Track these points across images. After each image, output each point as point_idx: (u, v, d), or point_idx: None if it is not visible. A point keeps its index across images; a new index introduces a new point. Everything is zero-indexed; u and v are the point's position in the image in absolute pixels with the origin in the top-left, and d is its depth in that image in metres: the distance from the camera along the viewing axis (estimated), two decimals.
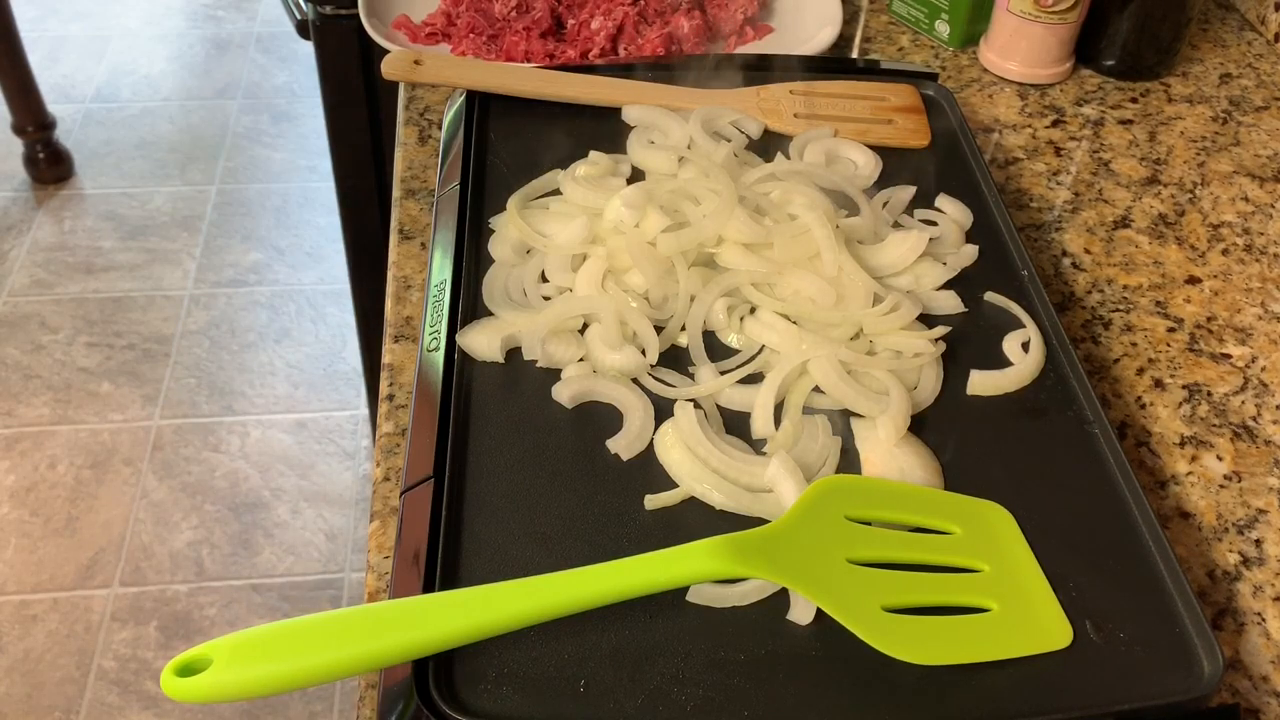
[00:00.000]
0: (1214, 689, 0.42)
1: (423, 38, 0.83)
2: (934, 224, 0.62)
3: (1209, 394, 0.62)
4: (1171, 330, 0.66)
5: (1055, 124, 0.82)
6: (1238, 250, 0.72)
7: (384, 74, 0.69)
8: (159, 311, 2.04)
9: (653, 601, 0.43)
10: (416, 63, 0.69)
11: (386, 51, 0.72)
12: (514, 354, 0.55)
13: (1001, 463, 0.51)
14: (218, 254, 2.16)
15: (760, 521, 0.47)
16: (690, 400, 0.51)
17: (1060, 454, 0.51)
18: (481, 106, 0.69)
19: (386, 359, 0.62)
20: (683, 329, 0.55)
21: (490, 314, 0.56)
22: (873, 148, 0.68)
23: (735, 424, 0.52)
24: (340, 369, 1.95)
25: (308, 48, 1.15)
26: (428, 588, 0.44)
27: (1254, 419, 0.61)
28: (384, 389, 0.60)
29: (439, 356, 0.53)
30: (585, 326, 0.55)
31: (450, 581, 0.45)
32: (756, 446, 0.51)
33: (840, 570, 0.44)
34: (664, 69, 0.72)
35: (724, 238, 0.58)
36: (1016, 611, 0.45)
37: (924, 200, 0.64)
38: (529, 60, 0.81)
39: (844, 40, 0.89)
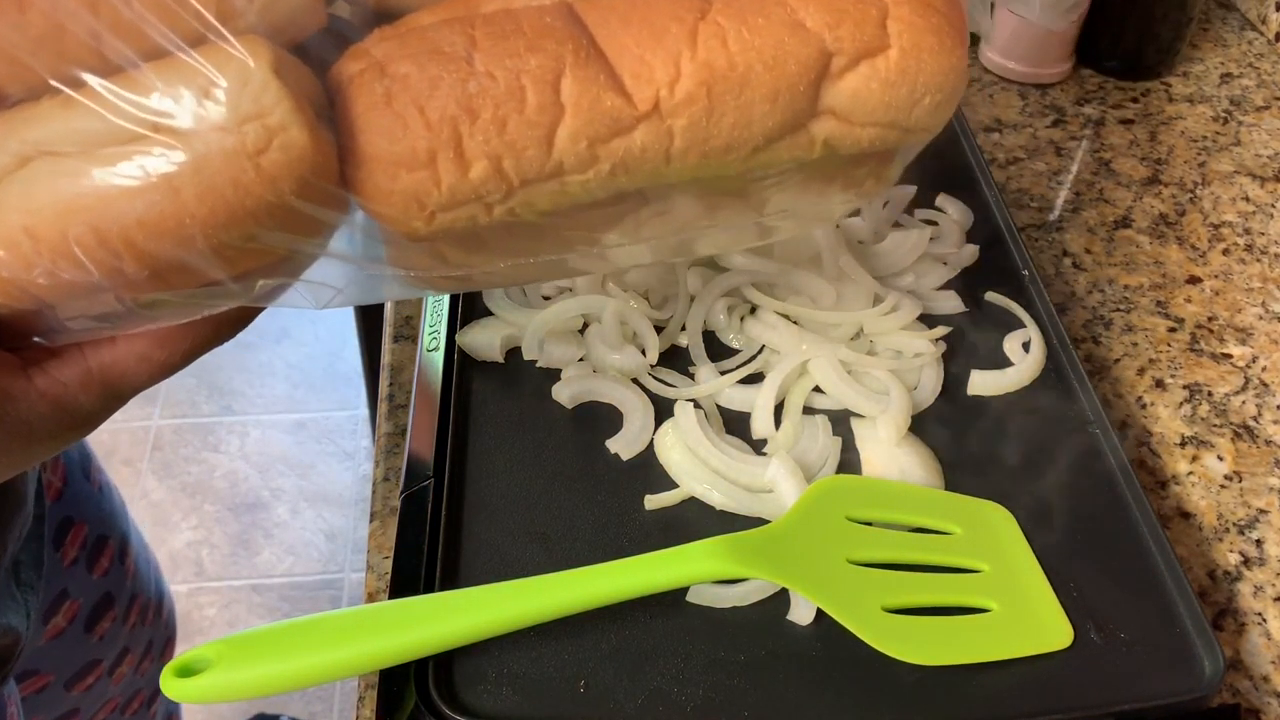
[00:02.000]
0: (1214, 689, 0.42)
1: None
2: (934, 224, 0.62)
3: (1209, 394, 0.62)
4: (1172, 330, 0.66)
5: (1056, 124, 0.82)
6: (1238, 250, 0.72)
7: None
8: None
9: (653, 601, 0.43)
10: None
11: None
12: (514, 354, 0.55)
13: (1001, 463, 0.51)
14: None
15: (760, 521, 0.47)
16: (690, 400, 0.51)
17: (1060, 454, 0.51)
18: None
19: (386, 359, 0.62)
20: (683, 329, 0.55)
21: (490, 314, 0.56)
22: None
23: (735, 424, 0.52)
24: (340, 369, 1.95)
25: None
26: (428, 588, 0.44)
27: (1254, 419, 0.61)
28: (384, 389, 0.60)
29: (439, 356, 0.53)
30: (585, 326, 0.55)
31: (450, 581, 0.45)
32: (756, 446, 0.51)
33: (840, 570, 0.44)
34: None
35: None
36: (1016, 611, 0.45)
37: (924, 200, 0.64)
38: None
39: None
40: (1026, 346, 0.55)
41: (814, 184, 0.37)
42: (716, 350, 0.55)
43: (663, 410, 0.51)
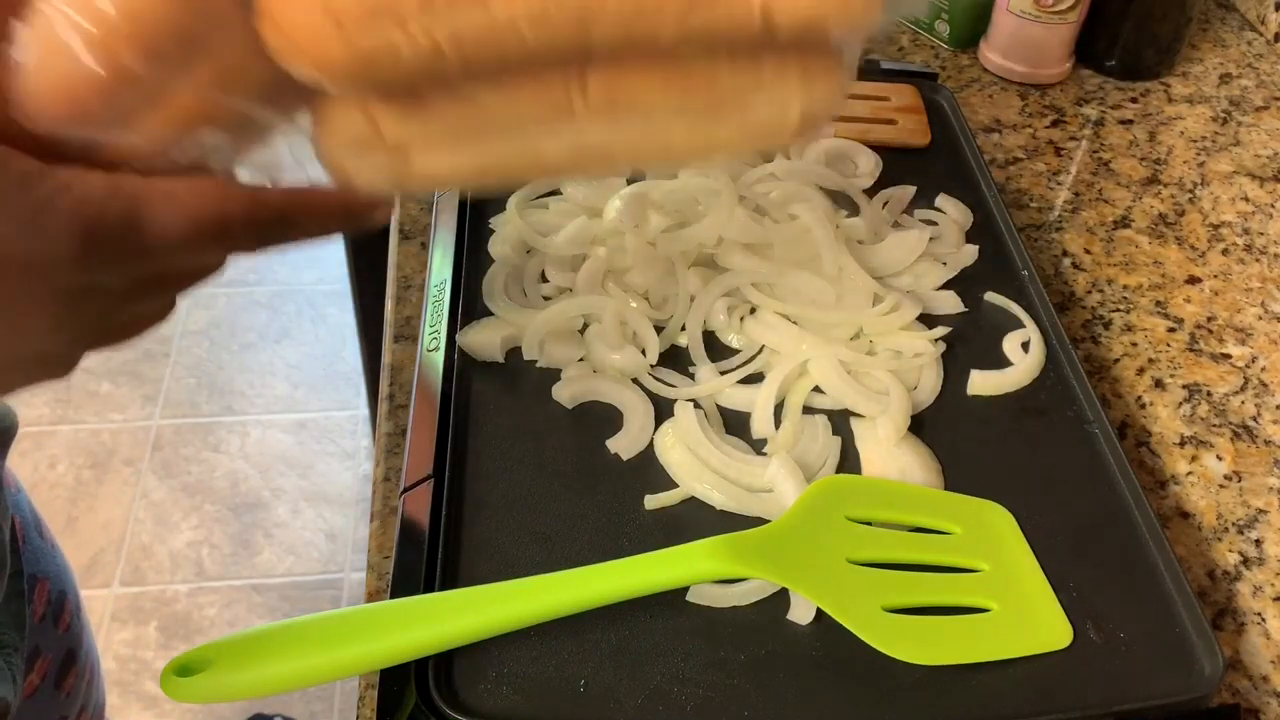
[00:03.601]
0: (1214, 689, 0.42)
1: None
2: (934, 224, 0.62)
3: (1209, 394, 0.62)
4: (1171, 330, 0.66)
5: (1055, 124, 0.82)
6: (1238, 250, 0.72)
7: None
8: None
9: (653, 601, 0.43)
10: None
11: None
12: (514, 354, 0.55)
13: (1001, 463, 0.51)
14: None
15: (760, 521, 0.47)
16: (690, 400, 0.51)
17: (1060, 454, 0.51)
18: None
19: (386, 359, 0.62)
20: (683, 329, 0.55)
21: (490, 314, 0.56)
22: (873, 148, 0.68)
23: (735, 424, 0.52)
24: (340, 369, 1.95)
25: None
26: (428, 588, 0.44)
27: (1254, 419, 0.61)
28: (384, 389, 0.60)
29: (439, 356, 0.53)
30: (585, 326, 0.55)
31: (450, 581, 0.45)
32: (756, 446, 0.51)
33: (840, 570, 0.44)
34: None
35: (724, 238, 0.58)
36: (1016, 611, 0.45)
37: (924, 200, 0.64)
38: None
39: None
40: (1026, 346, 0.55)
41: (765, 70, 0.35)
42: (716, 350, 0.55)
43: (663, 410, 0.51)
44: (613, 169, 0.36)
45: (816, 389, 0.53)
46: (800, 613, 0.44)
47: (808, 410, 0.52)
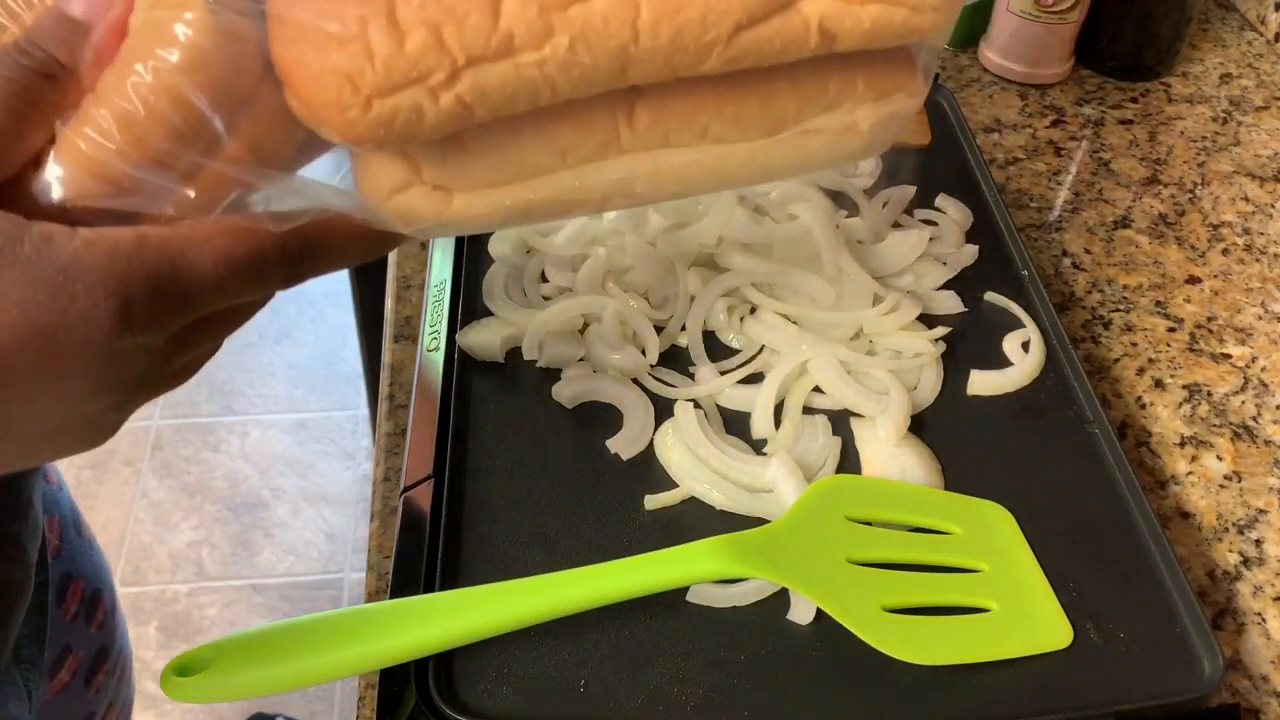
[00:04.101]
0: (1214, 689, 0.42)
1: None
2: (934, 224, 0.62)
3: (1209, 394, 0.62)
4: (1171, 330, 0.66)
5: (1055, 124, 0.82)
6: (1238, 250, 0.72)
7: None
8: None
9: (653, 601, 0.43)
10: None
11: None
12: (514, 354, 0.55)
13: (1001, 463, 0.51)
14: None
15: (760, 521, 0.47)
16: (690, 400, 0.51)
17: (1060, 454, 0.51)
18: None
19: (386, 359, 0.62)
20: (683, 329, 0.55)
21: (490, 314, 0.56)
22: None
23: (735, 424, 0.52)
24: (340, 369, 1.95)
25: None
26: (428, 588, 0.44)
27: (1254, 419, 0.61)
28: (384, 389, 0.60)
29: (439, 356, 0.53)
30: (585, 326, 0.55)
31: (450, 581, 0.45)
32: (756, 446, 0.51)
33: (840, 570, 0.44)
34: None
35: (724, 238, 0.58)
36: (1016, 611, 0.45)
37: (924, 200, 0.64)
38: None
39: None
40: (1026, 346, 0.55)
41: (829, 85, 0.32)
42: (716, 350, 0.55)
43: (663, 410, 0.51)
44: (663, 197, 0.34)
45: (816, 389, 0.53)
46: (800, 613, 0.44)
47: (808, 410, 0.52)
